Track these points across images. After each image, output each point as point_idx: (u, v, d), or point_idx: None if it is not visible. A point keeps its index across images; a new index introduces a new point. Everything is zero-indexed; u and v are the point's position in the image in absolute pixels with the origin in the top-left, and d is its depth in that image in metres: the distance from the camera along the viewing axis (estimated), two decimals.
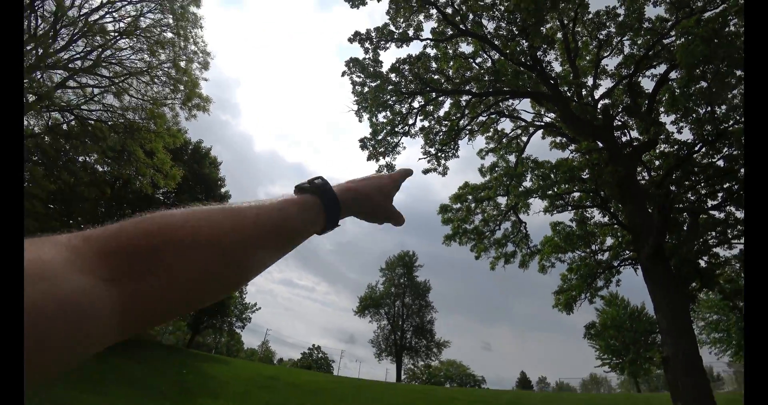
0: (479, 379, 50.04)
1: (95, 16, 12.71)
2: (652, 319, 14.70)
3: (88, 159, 15.13)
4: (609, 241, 16.58)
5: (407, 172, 0.81)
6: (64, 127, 13.50)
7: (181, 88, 14.49)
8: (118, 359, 15.02)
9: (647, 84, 14.74)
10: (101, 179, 16.21)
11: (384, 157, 19.40)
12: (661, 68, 13.84)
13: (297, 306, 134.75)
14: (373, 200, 0.68)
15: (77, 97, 12.89)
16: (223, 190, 25.68)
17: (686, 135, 13.34)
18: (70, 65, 12.11)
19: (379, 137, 19.19)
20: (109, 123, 13.85)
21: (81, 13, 12.28)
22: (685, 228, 14.03)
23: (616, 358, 31.03)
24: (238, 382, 15.98)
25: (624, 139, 14.97)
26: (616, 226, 15.27)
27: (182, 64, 14.10)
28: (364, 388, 19.07)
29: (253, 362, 35.44)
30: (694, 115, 12.69)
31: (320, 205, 0.57)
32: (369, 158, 19.55)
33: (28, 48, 10.64)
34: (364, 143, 19.49)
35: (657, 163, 14.99)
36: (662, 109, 13.96)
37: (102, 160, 14.78)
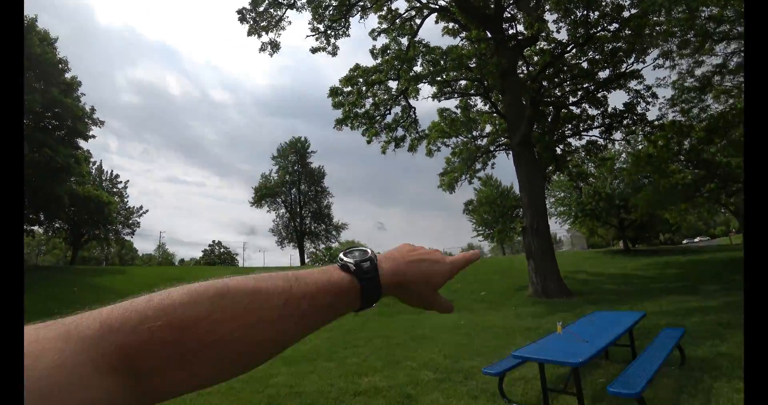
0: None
1: None
2: (518, 197, 17.41)
3: None
4: (488, 128, 18.20)
5: (473, 258, 0.64)
6: None
7: None
8: None
9: None
10: None
11: (267, 33, 17.20)
12: None
13: (188, 204, 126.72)
14: (421, 294, 0.58)
15: None
16: (68, 75, 20.86)
17: (563, 36, 14.32)
18: None
19: (261, 8, 16.69)
20: None
21: None
22: (549, 120, 15.96)
23: (488, 229, 37.24)
24: (140, 289, 15.30)
25: (510, 32, 15.36)
26: (495, 114, 16.63)
27: None
28: None
29: (151, 267, 34.29)
30: (572, 17, 13.41)
31: (359, 292, 0.51)
32: (249, 33, 17.15)
33: None
34: (243, 15, 16.81)
35: (535, 59, 15.95)
36: (547, 8, 14.36)
37: None
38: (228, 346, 0.41)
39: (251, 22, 16.96)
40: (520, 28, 15.35)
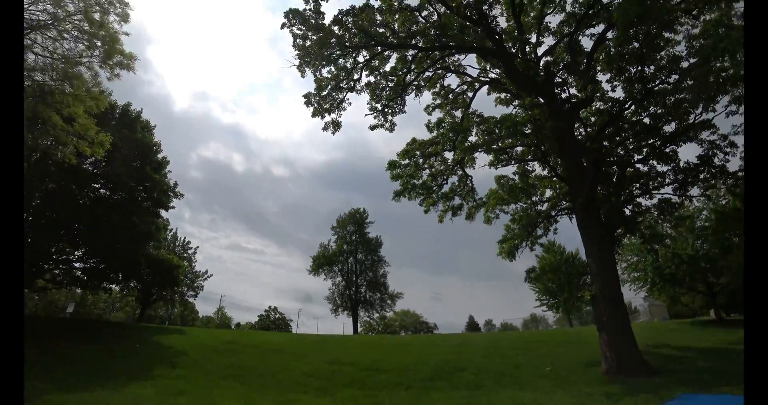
0: (431, 326, 53.51)
1: None
2: (584, 263, 16.26)
3: None
4: (548, 193, 17.77)
5: None
6: None
7: (98, 43, 12.80)
8: (61, 344, 14.25)
9: (587, 43, 15.27)
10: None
11: (329, 114, 18.84)
12: (600, 28, 14.29)
13: (248, 270, 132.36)
14: None
15: None
16: (160, 155, 23.88)
17: (619, 93, 14.42)
18: None
19: (324, 93, 18.49)
20: None
21: None
22: (614, 180, 15.32)
23: (552, 299, 34.49)
24: (196, 350, 15.75)
25: (563, 95, 15.64)
26: (554, 178, 16.31)
27: (96, 16, 12.34)
28: (322, 343, 19.81)
29: (210, 329, 35.23)
30: (626, 74, 13.42)
31: None
32: (314, 115, 18.87)
33: None
34: (308, 99, 18.71)
35: (593, 119, 15.87)
36: (599, 68, 14.60)
37: None
38: None
39: (315, 105, 18.85)
40: (573, 91, 15.60)
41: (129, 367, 12.43)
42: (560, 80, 16.20)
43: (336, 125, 19.14)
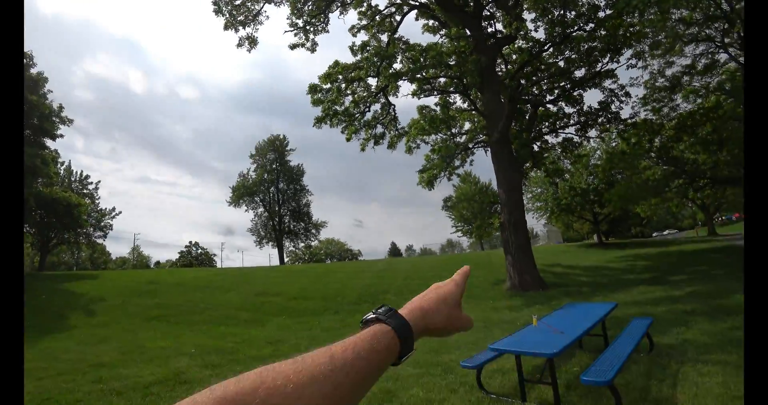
0: (356, 253, 56.11)
1: None
2: (495, 193, 17.66)
3: None
4: (467, 125, 18.39)
5: (467, 271, 0.75)
6: None
7: None
8: None
9: None
10: None
11: (244, 27, 16.88)
12: None
13: (161, 204, 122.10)
14: (442, 313, 0.64)
15: None
16: (33, 70, 19.99)
17: (540, 34, 14.60)
18: None
19: (238, 1, 16.34)
20: None
21: None
22: (526, 118, 16.25)
23: (467, 225, 37.83)
24: (114, 294, 14.83)
25: (490, 30, 15.54)
26: (474, 112, 16.80)
27: None
28: (248, 275, 19.90)
29: (126, 271, 33.29)
30: (549, 16, 13.70)
31: (392, 332, 0.55)
32: (226, 27, 16.81)
33: None
34: (219, 7, 16.43)
35: (514, 57, 16.17)
36: (526, 7, 14.60)
37: None
38: None
39: (227, 15, 16.61)
40: (499, 26, 15.57)
41: (39, 320, 11.26)
42: (488, 13, 15.98)
43: (252, 41, 17.29)
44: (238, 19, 16.66)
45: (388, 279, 17.24)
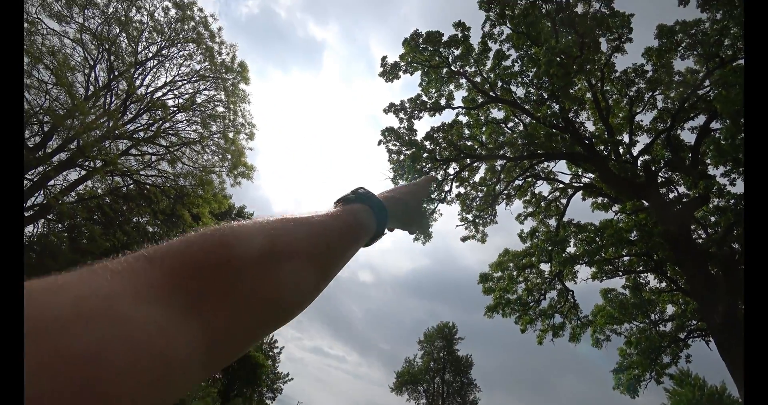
0: None
1: (159, 94, 14.79)
2: (735, 399, 12.21)
3: (140, 220, 16.29)
4: (670, 309, 14.78)
5: (431, 178, 0.86)
6: (124, 190, 14.93)
7: (229, 157, 15.76)
8: None
9: (687, 137, 14.30)
10: (150, 239, 17.22)
11: None
12: (701, 119, 13.45)
13: (328, 377, 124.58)
14: (410, 205, 0.73)
15: (137, 163, 14.35)
16: None
17: (740, 187, 12.46)
18: (134, 136, 13.78)
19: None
20: (163, 188, 15.12)
21: (147, 91, 14.35)
22: None
23: None
24: None
25: (671, 195, 14.14)
26: (676, 292, 13.70)
27: (231, 134, 15.57)
28: None
29: None
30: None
31: (370, 211, 0.59)
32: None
33: (102, 121, 12.28)
34: None
35: (713, 219, 13.82)
36: (709, 162, 13.28)
37: (153, 222, 15.86)
38: (288, 256, 0.38)
39: None
40: (682, 189, 14.11)
41: None
42: (663, 179, 14.87)
43: (427, 235, 19.50)
44: None
45: None
